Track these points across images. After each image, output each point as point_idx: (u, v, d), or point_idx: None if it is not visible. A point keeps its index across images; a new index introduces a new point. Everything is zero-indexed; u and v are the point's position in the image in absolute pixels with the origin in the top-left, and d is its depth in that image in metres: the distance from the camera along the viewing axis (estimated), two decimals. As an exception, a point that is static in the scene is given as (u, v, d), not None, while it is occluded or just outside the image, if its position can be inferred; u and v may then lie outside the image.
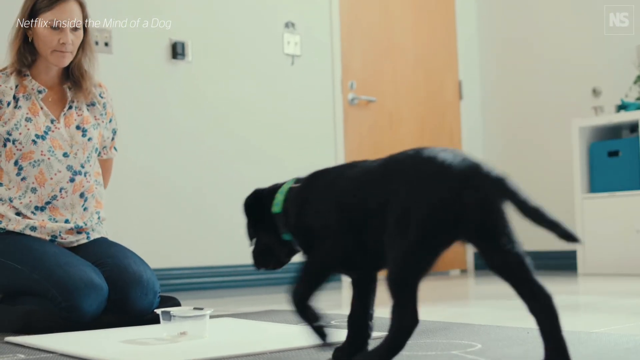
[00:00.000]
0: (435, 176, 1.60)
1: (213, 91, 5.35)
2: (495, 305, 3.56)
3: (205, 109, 5.30)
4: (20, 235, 3.02)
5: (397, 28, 6.36)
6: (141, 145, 4.96)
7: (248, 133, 5.42)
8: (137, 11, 5.04)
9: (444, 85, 6.65)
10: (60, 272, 2.82)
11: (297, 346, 2.14)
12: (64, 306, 2.77)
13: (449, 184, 1.59)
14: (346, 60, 6.01)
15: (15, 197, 3.03)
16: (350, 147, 5.96)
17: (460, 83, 6.73)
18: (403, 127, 6.31)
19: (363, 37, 6.14)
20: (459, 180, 1.58)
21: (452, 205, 1.57)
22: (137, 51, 5.05)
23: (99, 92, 3.26)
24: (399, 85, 6.32)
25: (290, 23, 5.73)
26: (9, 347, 2.39)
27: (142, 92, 5.04)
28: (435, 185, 1.59)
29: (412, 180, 1.63)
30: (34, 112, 3.07)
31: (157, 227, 5.00)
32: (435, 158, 1.63)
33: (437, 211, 1.58)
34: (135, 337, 2.47)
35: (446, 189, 1.58)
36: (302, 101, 5.76)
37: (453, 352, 1.99)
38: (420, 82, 6.46)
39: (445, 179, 1.59)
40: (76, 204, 3.13)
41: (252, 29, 5.57)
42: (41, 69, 3.13)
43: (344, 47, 6.00)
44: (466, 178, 1.59)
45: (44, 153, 3.04)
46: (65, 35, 3.02)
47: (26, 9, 3.05)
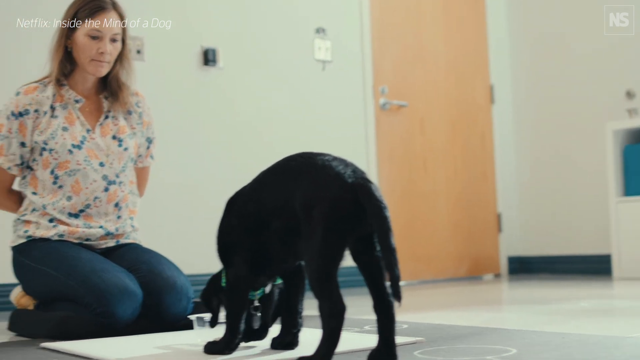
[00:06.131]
0: (335, 177, 1.83)
1: (244, 97, 5.37)
2: (530, 309, 3.54)
3: (237, 115, 5.32)
4: (51, 241, 3.05)
5: (427, 32, 6.35)
6: (173, 152, 4.98)
7: (279, 139, 5.43)
8: (169, 18, 5.07)
9: (476, 89, 6.63)
10: (95, 278, 2.84)
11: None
12: (98, 312, 2.79)
13: (347, 183, 1.81)
14: (377, 65, 6.01)
15: (49, 203, 3.06)
16: (382, 152, 5.95)
17: (491, 87, 6.71)
18: (434, 131, 6.30)
19: (394, 42, 6.13)
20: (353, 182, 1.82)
21: (349, 201, 1.79)
22: (168, 58, 5.08)
23: (136, 101, 3.28)
24: (430, 90, 6.30)
25: (321, 29, 5.74)
26: (44, 353, 2.41)
27: (173, 99, 5.06)
28: (334, 184, 1.82)
29: (313, 181, 1.86)
30: (70, 122, 3.10)
31: (190, 234, 5.02)
32: (329, 162, 1.88)
33: (337, 205, 1.79)
34: (169, 343, 2.48)
35: (345, 188, 1.80)
36: (333, 107, 5.77)
37: (488, 357, 1.98)
38: (451, 86, 6.45)
39: (343, 180, 1.82)
40: (110, 213, 3.15)
41: (283, 35, 5.58)
42: (78, 79, 3.16)
43: (375, 52, 5.99)
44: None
45: (80, 162, 3.07)
46: (104, 44, 3.05)
47: (67, 18, 3.08)
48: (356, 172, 1.85)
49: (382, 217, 1.77)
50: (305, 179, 1.88)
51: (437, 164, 6.27)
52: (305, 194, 1.86)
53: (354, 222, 1.80)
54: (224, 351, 2.13)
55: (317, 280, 1.80)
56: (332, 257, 1.80)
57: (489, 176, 6.62)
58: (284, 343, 2.20)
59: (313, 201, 1.82)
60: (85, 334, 2.75)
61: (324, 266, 1.79)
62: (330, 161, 1.89)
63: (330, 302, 1.78)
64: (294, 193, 1.89)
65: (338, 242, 1.80)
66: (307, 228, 1.83)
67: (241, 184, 2.20)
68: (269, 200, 2.00)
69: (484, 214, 6.56)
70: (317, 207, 1.81)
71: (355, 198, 1.79)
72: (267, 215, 1.99)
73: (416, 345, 2.26)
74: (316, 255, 1.80)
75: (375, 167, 5.87)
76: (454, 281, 6.11)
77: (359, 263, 1.89)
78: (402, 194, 6.04)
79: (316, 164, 1.90)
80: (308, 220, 1.82)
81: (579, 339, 2.25)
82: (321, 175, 1.85)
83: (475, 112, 6.60)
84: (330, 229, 1.78)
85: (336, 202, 1.79)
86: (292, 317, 2.19)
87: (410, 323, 2.87)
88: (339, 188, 1.81)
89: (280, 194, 1.96)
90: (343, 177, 1.82)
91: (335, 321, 1.77)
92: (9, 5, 4.54)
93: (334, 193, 1.80)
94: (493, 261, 6.59)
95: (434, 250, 6.19)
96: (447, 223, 6.31)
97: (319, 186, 1.83)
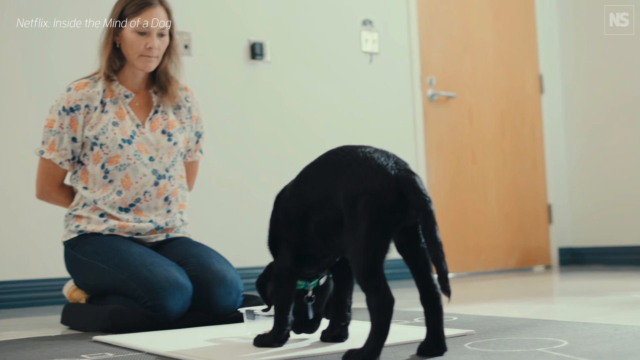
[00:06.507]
0: (377, 170, 1.82)
1: (292, 91, 5.38)
2: (581, 301, 3.50)
3: (284, 109, 5.34)
4: (102, 235, 3.09)
5: (475, 22, 6.30)
6: (221, 146, 5.01)
7: (327, 132, 5.43)
8: (216, 13, 5.10)
9: (525, 79, 6.56)
10: (146, 272, 2.86)
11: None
12: (149, 305, 2.81)
13: (390, 175, 1.80)
14: (425, 56, 5.98)
15: (100, 198, 3.10)
16: (430, 144, 5.93)
17: (541, 77, 6.64)
18: (483, 122, 6.25)
19: (441, 33, 6.10)
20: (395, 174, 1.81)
21: (393, 193, 1.78)
22: (216, 53, 5.11)
23: (185, 95, 3.30)
24: (478, 80, 6.26)
25: (367, 21, 5.73)
26: (97, 346, 2.44)
27: (221, 93, 5.09)
28: (377, 176, 1.80)
29: (355, 175, 1.84)
30: (120, 117, 3.13)
31: (239, 228, 5.05)
32: (371, 155, 1.87)
33: (380, 198, 1.78)
34: (219, 336, 2.50)
35: (388, 180, 1.79)
36: (381, 99, 5.76)
37: (539, 349, 1.96)
38: (500, 76, 6.39)
39: (386, 172, 1.81)
40: (160, 207, 3.18)
41: (330, 27, 5.58)
42: (128, 74, 3.19)
43: (422, 43, 5.97)
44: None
45: (130, 157, 3.10)
46: (152, 39, 3.08)
47: (114, 15, 3.12)
48: (398, 163, 1.84)
49: (427, 211, 1.75)
50: (347, 172, 1.87)
51: (486, 154, 6.23)
52: (347, 188, 1.85)
53: (397, 214, 1.79)
54: (272, 343, 2.14)
55: (363, 274, 1.79)
56: (377, 251, 1.79)
57: (539, 166, 6.56)
58: (333, 336, 2.19)
59: (356, 195, 1.81)
60: (137, 327, 2.78)
61: (370, 260, 1.78)
62: (372, 153, 1.88)
63: (378, 295, 1.77)
64: (336, 187, 1.88)
65: (382, 235, 1.79)
66: (351, 222, 1.82)
67: (289, 177, 2.21)
68: (310, 195, 2.00)
69: (534, 204, 6.51)
70: (360, 200, 1.79)
71: (398, 190, 1.78)
72: (309, 210, 1.99)
73: (466, 337, 2.25)
74: (361, 249, 1.79)
75: (423, 159, 5.85)
76: (503, 273, 6.07)
77: (404, 255, 1.90)
78: (451, 185, 6.01)
79: (357, 156, 1.89)
80: (351, 215, 1.81)
81: (631, 331, 2.23)
82: (363, 168, 1.84)
83: (524, 102, 6.53)
84: (374, 222, 1.77)
85: (379, 195, 1.78)
86: (341, 310, 2.19)
87: (460, 315, 2.86)
88: (381, 181, 1.79)
89: (321, 188, 1.95)
90: (386, 170, 1.81)
91: (383, 314, 1.77)
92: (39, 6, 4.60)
93: (376, 186, 1.79)
94: (544, 252, 6.54)
95: (483, 241, 6.16)
96: (497, 214, 6.27)
97: (362, 179, 1.82)
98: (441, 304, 1.86)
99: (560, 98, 6.76)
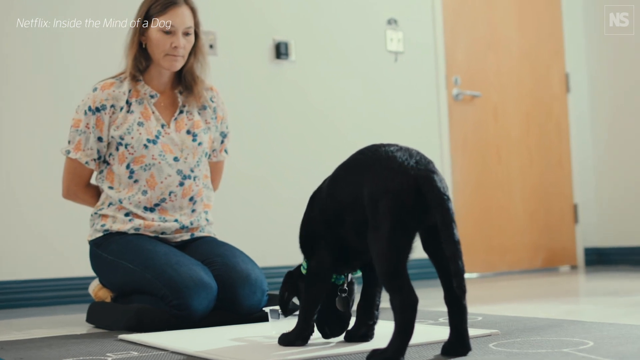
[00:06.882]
0: (397, 170, 1.82)
1: (317, 90, 5.38)
2: (607, 302, 3.48)
3: (310, 108, 5.34)
4: (128, 234, 3.10)
5: (500, 21, 6.27)
6: (247, 146, 5.02)
7: (352, 131, 5.43)
8: (241, 12, 5.11)
9: (550, 78, 6.53)
10: (171, 271, 2.88)
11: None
12: (174, 304, 2.82)
13: (409, 175, 1.80)
14: (450, 55, 5.96)
15: (125, 197, 3.12)
16: (455, 143, 5.91)
17: (567, 75, 6.60)
18: (508, 121, 6.23)
19: (466, 32, 6.08)
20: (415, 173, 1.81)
21: (412, 193, 1.79)
22: (241, 52, 5.12)
23: (210, 95, 3.31)
24: (503, 79, 6.24)
25: (392, 20, 5.72)
26: (122, 345, 2.45)
27: (246, 93, 5.10)
28: (396, 177, 1.81)
29: (377, 175, 1.85)
30: (145, 117, 3.15)
31: (263, 227, 5.06)
32: (393, 154, 1.87)
33: (400, 198, 1.79)
34: (244, 335, 2.50)
35: (407, 180, 1.80)
36: (406, 98, 5.75)
37: (564, 349, 1.96)
38: (525, 75, 6.36)
39: (405, 172, 1.81)
40: (185, 207, 3.19)
41: (355, 26, 5.58)
42: (154, 74, 3.20)
43: (448, 42, 5.95)
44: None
45: (155, 157, 3.11)
46: (177, 39, 3.09)
47: (140, 15, 3.14)
48: (420, 162, 1.84)
49: (445, 209, 1.75)
50: (370, 173, 1.88)
51: (511, 153, 6.21)
52: (370, 188, 1.86)
53: (419, 214, 1.80)
54: (296, 342, 2.14)
55: (386, 274, 1.80)
56: (400, 251, 1.80)
57: (565, 166, 6.52)
58: (359, 335, 2.19)
59: (377, 195, 1.82)
60: (162, 326, 2.80)
61: (393, 260, 1.79)
62: (395, 152, 1.88)
63: (402, 295, 1.77)
64: (362, 188, 1.89)
65: (404, 235, 1.80)
66: (374, 222, 1.83)
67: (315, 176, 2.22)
68: (341, 196, 2.01)
69: (560, 204, 6.47)
70: (381, 201, 1.81)
71: (418, 190, 1.78)
72: (342, 210, 2.00)
73: (491, 337, 2.24)
74: (384, 250, 1.80)
75: (448, 158, 5.83)
76: (529, 273, 6.04)
77: (429, 253, 1.91)
78: (476, 184, 5.99)
79: (380, 157, 1.89)
80: (374, 215, 1.82)
81: (658, 332, 2.21)
82: (385, 168, 1.85)
83: (550, 101, 6.50)
84: (396, 222, 1.78)
85: (399, 195, 1.79)
86: (369, 309, 2.18)
87: (485, 315, 2.85)
88: (401, 181, 1.80)
89: (350, 189, 1.96)
90: (406, 169, 1.82)
91: (407, 314, 1.77)
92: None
93: (396, 186, 1.80)
94: (569, 252, 6.50)
95: (508, 241, 6.13)
96: (522, 213, 6.24)
97: (383, 180, 1.83)
98: (465, 303, 1.86)
99: (586, 97, 6.71)
